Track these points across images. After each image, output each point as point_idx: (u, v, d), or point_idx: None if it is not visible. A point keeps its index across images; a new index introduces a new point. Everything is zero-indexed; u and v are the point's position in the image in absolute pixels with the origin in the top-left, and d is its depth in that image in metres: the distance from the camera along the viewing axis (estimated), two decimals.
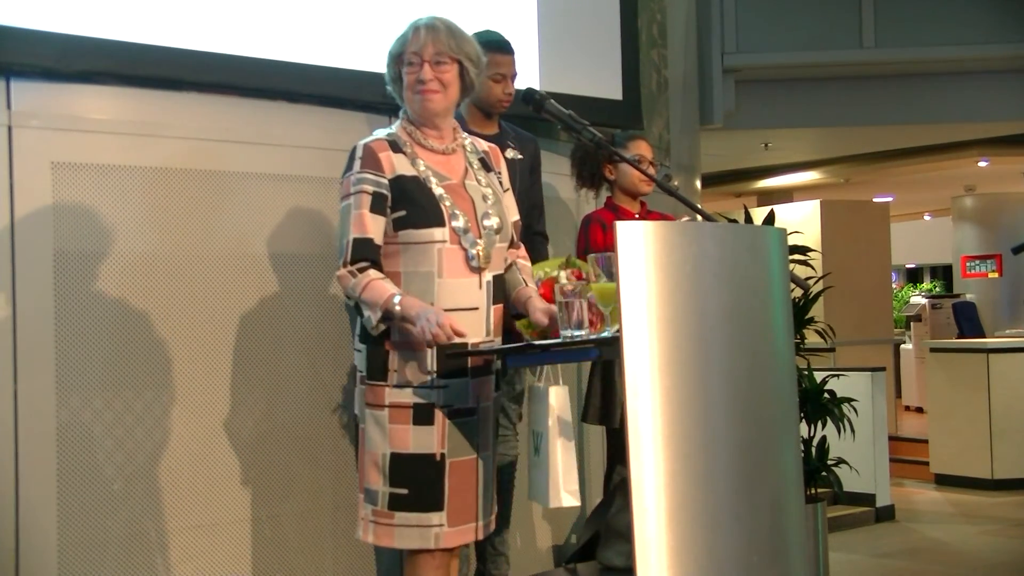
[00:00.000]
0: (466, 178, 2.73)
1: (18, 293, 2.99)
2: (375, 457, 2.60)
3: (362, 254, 2.59)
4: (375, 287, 2.55)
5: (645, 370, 2.19)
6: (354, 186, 2.60)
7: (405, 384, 2.60)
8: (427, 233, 2.60)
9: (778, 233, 2.73)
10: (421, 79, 2.65)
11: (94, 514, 3.09)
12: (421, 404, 2.60)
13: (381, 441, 2.59)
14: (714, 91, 6.29)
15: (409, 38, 2.67)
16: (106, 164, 3.17)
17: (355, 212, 2.59)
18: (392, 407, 2.59)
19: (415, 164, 2.66)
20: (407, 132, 2.72)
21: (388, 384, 2.60)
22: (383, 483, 2.58)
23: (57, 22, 3.07)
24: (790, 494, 2.61)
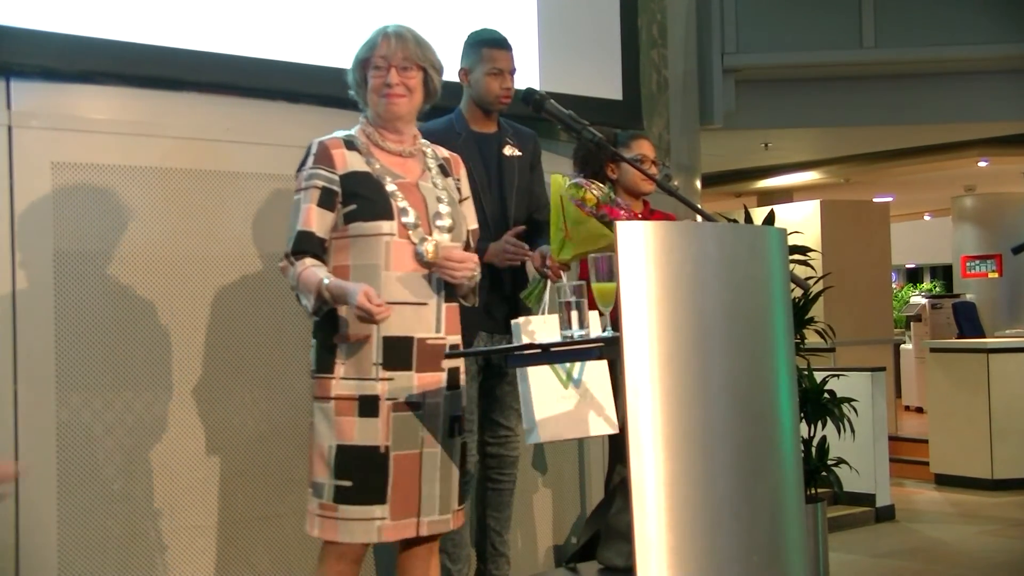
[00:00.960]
0: (421, 179, 2.78)
1: (18, 293, 3.00)
2: (322, 449, 2.62)
3: (302, 246, 2.65)
4: (308, 275, 2.61)
5: (645, 370, 2.19)
6: (305, 181, 2.67)
7: (351, 376, 2.63)
8: (375, 226, 2.65)
9: (778, 233, 2.73)
10: (388, 83, 2.72)
11: (94, 514, 3.09)
12: (366, 396, 2.62)
13: (328, 433, 2.62)
14: (714, 91, 6.29)
15: (378, 43, 2.75)
16: (106, 164, 3.17)
17: (303, 206, 2.65)
18: (338, 399, 2.62)
19: (370, 163, 2.72)
20: (366, 134, 2.78)
21: (334, 376, 2.63)
22: (329, 475, 2.60)
23: (57, 22, 3.07)
24: (790, 494, 2.61)
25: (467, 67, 3.52)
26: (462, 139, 3.51)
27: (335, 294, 2.58)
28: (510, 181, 3.56)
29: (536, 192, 3.68)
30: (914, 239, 17.89)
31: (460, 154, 3.50)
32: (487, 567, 3.62)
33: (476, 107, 3.56)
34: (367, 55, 2.77)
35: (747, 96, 6.79)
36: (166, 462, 3.24)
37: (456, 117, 3.57)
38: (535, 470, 4.21)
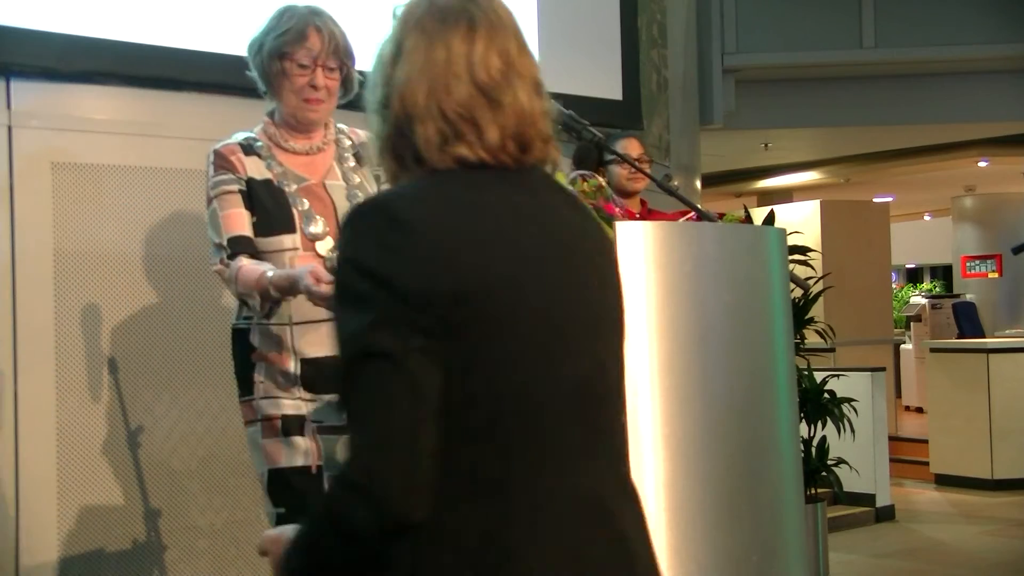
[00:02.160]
0: (328, 177, 2.50)
1: (18, 293, 2.99)
2: (261, 478, 2.42)
3: (239, 251, 2.38)
4: (246, 272, 2.34)
5: (645, 370, 2.19)
6: (214, 189, 2.41)
7: (271, 395, 2.40)
8: (276, 241, 2.40)
9: (778, 233, 2.73)
10: (315, 85, 2.42)
11: (94, 514, 3.09)
12: (290, 416, 2.39)
13: (259, 461, 2.41)
14: (714, 91, 6.29)
15: (307, 35, 2.40)
16: (106, 164, 3.17)
17: (223, 213, 2.39)
18: (263, 421, 2.40)
19: (270, 167, 2.45)
20: (267, 135, 2.50)
21: (256, 397, 2.41)
22: (268, 504, 2.41)
23: (57, 22, 3.07)
24: (790, 494, 2.61)
25: None
26: None
27: (280, 285, 2.31)
28: None
29: None
30: (914, 239, 17.88)
31: None
32: None
33: None
34: (292, 49, 2.40)
35: (747, 96, 6.79)
36: (166, 462, 3.24)
37: None
38: None
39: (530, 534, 1.18)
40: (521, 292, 1.21)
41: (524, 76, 1.29)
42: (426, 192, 1.24)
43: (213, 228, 2.42)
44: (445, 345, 1.15)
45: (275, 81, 2.44)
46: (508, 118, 1.27)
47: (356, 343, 1.16)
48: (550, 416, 1.22)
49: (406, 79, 1.28)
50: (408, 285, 1.15)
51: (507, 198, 1.26)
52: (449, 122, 1.25)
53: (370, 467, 1.14)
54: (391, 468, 1.14)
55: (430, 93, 1.26)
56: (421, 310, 1.15)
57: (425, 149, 1.26)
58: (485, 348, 1.18)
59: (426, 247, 1.17)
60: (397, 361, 1.14)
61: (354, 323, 1.17)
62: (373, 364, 1.14)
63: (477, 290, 1.17)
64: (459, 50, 1.27)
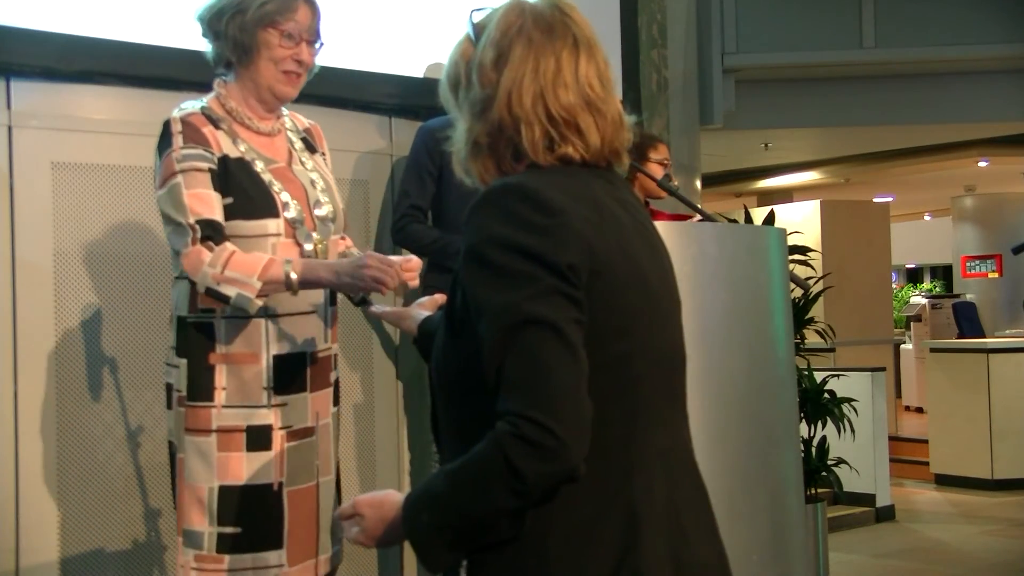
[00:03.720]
0: (291, 162, 2.37)
1: (18, 293, 2.99)
2: (199, 493, 2.19)
3: (209, 235, 2.17)
4: (243, 257, 2.14)
5: None
6: (180, 163, 2.17)
7: (236, 404, 2.20)
8: (260, 225, 2.22)
9: (778, 233, 2.73)
10: (300, 60, 2.29)
11: (94, 514, 3.09)
12: (256, 427, 2.21)
13: (206, 474, 2.19)
14: (714, 91, 6.29)
15: (295, 8, 2.28)
16: (106, 164, 3.17)
17: (189, 192, 2.16)
18: (220, 432, 2.20)
19: (236, 144, 2.27)
20: (225, 108, 2.31)
21: (215, 405, 2.20)
22: (209, 523, 2.19)
23: (57, 22, 3.07)
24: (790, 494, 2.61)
25: None
26: None
27: (320, 277, 2.16)
28: None
29: None
30: (914, 239, 17.88)
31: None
32: None
33: None
34: (280, 19, 2.25)
35: (747, 96, 6.79)
36: (166, 462, 3.23)
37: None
38: None
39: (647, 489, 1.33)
40: (632, 270, 1.35)
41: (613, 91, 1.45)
42: (546, 181, 1.35)
43: (174, 206, 2.17)
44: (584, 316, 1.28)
45: (251, 52, 2.26)
46: (607, 126, 1.42)
47: (514, 312, 1.25)
48: (654, 381, 1.38)
49: (513, 84, 1.40)
50: (560, 260, 1.27)
51: (608, 191, 1.41)
52: (556, 125, 1.39)
53: (549, 421, 1.21)
54: (570, 422, 1.22)
55: (538, 98, 1.39)
56: (571, 283, 1.27)
57: (531, 148, 1.39)
58: (606, 318, 1.30)
59: (569, 227, 1.29)
60: (559, 328, 1.24)
61: (508, 296, 1.26)
62: (534, 331, 1.24)
63: (603, 268, 1.31)
64: (567, 62, 1.41)
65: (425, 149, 3.50)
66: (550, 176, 1.37)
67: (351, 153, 3.72)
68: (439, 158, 3.48)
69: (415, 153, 3.53)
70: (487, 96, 1.42)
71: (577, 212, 1.31)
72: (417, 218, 3.46)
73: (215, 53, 2.32)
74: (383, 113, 3.82)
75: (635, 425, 1.34)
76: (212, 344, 2.22)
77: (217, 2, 2.28)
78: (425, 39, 3.87)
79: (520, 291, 1.25)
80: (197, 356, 2.22)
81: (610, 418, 1.30)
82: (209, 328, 2.23)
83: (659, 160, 3.81)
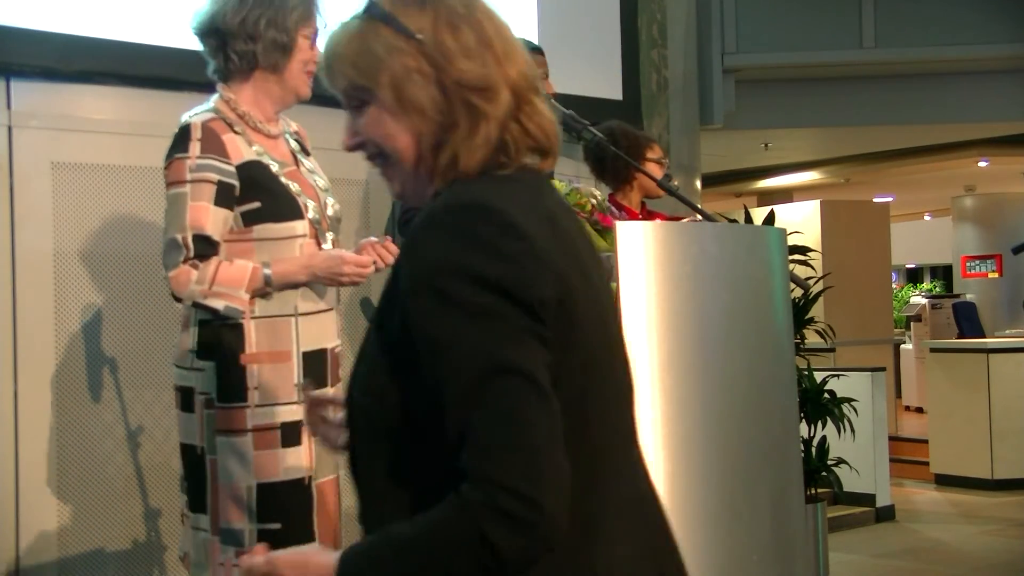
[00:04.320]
0: (297, 164, 2.43)
1: (18, 293, 2.99)
2: (236, 492, 2.23)
3: (202, 253, 2.22)
4: (228, 270, 2.21)
5: (645, 370, 2.19)
6: (193, 172, 2.21)
7: (270, 402, 2.25)
8: (288, 227, 2.28)
9: (778, 233, 2.73)
10: (317, 61, 2.16)
11: (94, 514, 3.09)
12: (289, 423, 2.25)
13: (243, 472, 2.23)
14: (714, 91, 6.29)
15: (314, 12, 2.35)
16: (106, 164, 3.17)
17: (193, 203, 2.20)
18: (256, 431, 2.24)
19: (252, 148, 2.31)
20: (237, 113, 2.33)
21: (248, 405, 2.23)
22: (248, 520, 2.22)
23: (57, 22, 3.07)
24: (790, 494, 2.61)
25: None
26: None
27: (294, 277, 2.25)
28: None
29: None
30: (914, 239, 17.88)
31: None
32: None
33: None
34: (307, 23, 2.32)
35: (747, 96, 6.79)
36: (166, 462, 3.24)
37: None
38: None
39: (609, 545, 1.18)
40: (589, 293, 1.20)
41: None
42: (506, 194, 1.18)
43: (175, 215, 2.22)
44: (551, 356, 1.12)
45: (288, 53, 2.31)
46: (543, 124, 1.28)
47: (484, 360, 1.08)
48: (612, 420, 1.23)
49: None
50: (531, 296, 1.10)
51: (556, 203, 1.25)
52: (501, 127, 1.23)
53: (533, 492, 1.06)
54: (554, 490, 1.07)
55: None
56: (541, 322, 1.11)
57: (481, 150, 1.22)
58: (570, 355, 1.15)
59: (538, 254, 1.13)
60: (534, 378, 1.09)
61: (475, 338, 1.09)
62: (508, 381, 1.08)
63: (566, 296, 1.14)
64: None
65: None
66: (504, 185, 1.20)
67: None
68: None
69: None
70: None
71: (542, 236, 1.14)
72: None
73: (235, 57, 2.31)
74: None
75: (593, 473, 1.17)
76: (242, 345, 2.25)
77: (237, 7, 2.29)
78: None
79: (489, 333, 1.08)
80: (227, 358, 2.25)
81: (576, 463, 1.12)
82: (239, 329, 2.26)
83: (656, 159, 3.80)
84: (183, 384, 2.33)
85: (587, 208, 2.90)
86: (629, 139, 3.71)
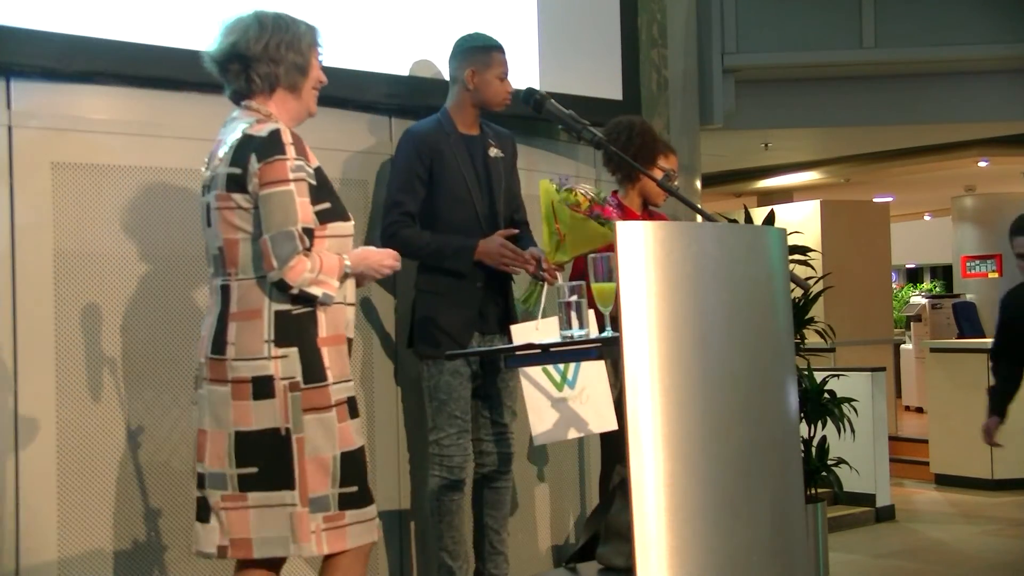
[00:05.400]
0: None
1: (18, 293, 2.99)
2: (323, 462, 2.49)
3: (308, 245, 2.51)
4: (328, 261, 2.52)
5: (645, 370, 2.19)
6: (294, 172, 2.48)
7: (339, 380, 2.55)
8: (348, 227, 2.63)
9: (778, 233, 2.73)
10: (323, 81, 2.69)
11: (94, 514, 3.09)
12: (351, 398, 2.58)
13: (328, 444, 2.49)
14: (714, 91, 6.29)
15: (318, 37, 2.69)
16: (106, 164, 3.17)
17: (300, 199, 2.48)
18: (337, 406, 2.53)
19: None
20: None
21: (329, 382, 2.51)
22: (332, 486, 2.49)
23: (57, 22, 3.07)
24: (790, 494, 2.61)
25: (476, 69, 3.52)
26: (452, 140, 3.53)
27: (354, 271, 2.60)
28: (497, 182, 3.58)
29: (515, 192, 3.70)
30: (914, 239, 17.89)
31: (450, 154, 3.52)
32: (485, 566, 3.62)
33: (472, 108, 3.57)
34: (315, 45, 2.67)
35: (747, 96, 6.79)
36: (166, 462, 3.24)
37: (444, 118, 3.57)
38: (535, 469, 4.21)
39: None
40: None
41: None
42: None
43: (285, 211, 2.46)
44: None
45: (305, 74, 2.63)
46: None
47: None
48: None
49: None
50: None
51: None
52: None
53: None
54: None
55: None
56: None
57: None
58: None
59: None
60: None
61: None
62: None
63: None
64: None
65: (416, 155, 3.49)
66: None
67: (351, 153, 3.73)
68: (429, 161, 3.48)
69: (405, 159, 3.51)
70: None
71: None
72: (407, 223, 3.46)
73: (257, 79, 2.59)
74: (383, 113, 3.83)
75: None
76: (317, 330, 2.52)
77: (258, 35, 2.57)
78: (425, 39, 3.87)
79: None
80: (307, 342, 2.50)
81: None
82: (313, 316, 2.52)
83: (666, 169, 3.81)
84: (260, 374, 2.48)
85: (584, 205, 2.90)
86: (644, 139, 3.71)
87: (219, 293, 2.54)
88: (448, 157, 3.50)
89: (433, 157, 3.49)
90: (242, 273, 2.51)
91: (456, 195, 3.50)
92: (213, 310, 2.55)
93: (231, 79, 2.61)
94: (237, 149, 2.49)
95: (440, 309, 3.47)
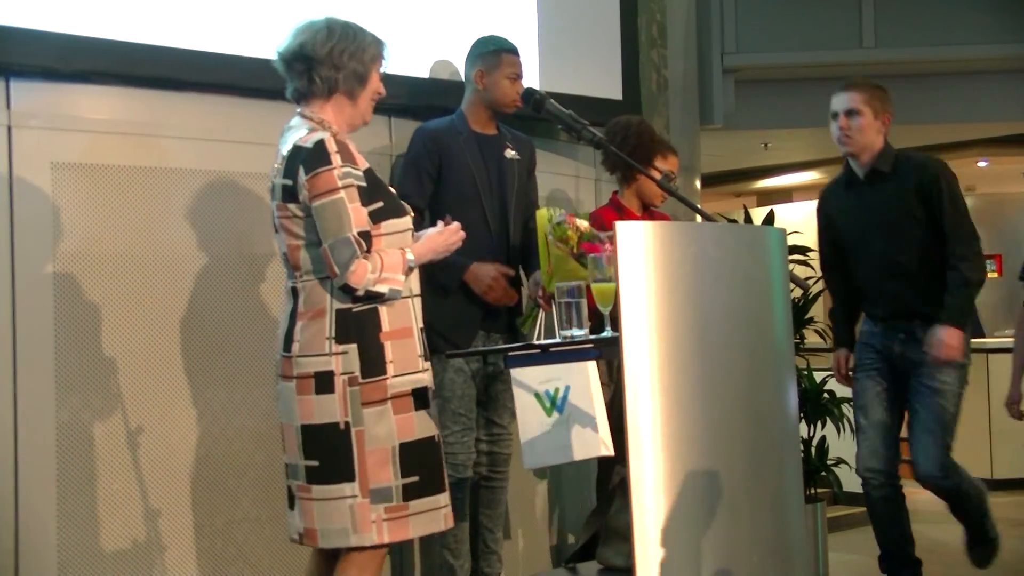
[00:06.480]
0: None
1: (18, 293, 2.99)
2: (383, 454, 2.57)
3: (366, 248, 2.59)
4: (390, 258, 2.60)
5: (645, 370, 2.19)
6: (342, 180, 2.56)
7: (404, 372, 2.61)
8: (404, 222, 2.69)
9: (778, 233, 2.73)
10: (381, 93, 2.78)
11: (94, 514, 3.09)
12: (419, 389, 2.64)
13: (387, 436, 2.58)
14: (714, 91, 6.29)
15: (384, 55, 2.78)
16: (106, 164, 3.17)
17: (352, 205, 2.56)
18: (394, 398, 2.59)
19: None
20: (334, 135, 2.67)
21: (387, 376, 2.59)
22: (394, 477, 2.57)
23: (57, 22, 3.07)
24: (790, 494, 2.61)
25: (485, 70, 3.53)
26: (463, 138, 3.54)
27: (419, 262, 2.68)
28: (510, 182, 3.58)
29: (531, 197, 3.70)
30: None
31: (459, 151, 3.52)
32: (479, 565, 3.62)
33: (484, 109, 3.58)
34: (379, 59, 2.77)
35: (747, 96, 6.78)
36: (166, 462, 3.24)
37: (458, 117, 3.58)
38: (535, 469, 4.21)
39: None
40: None
41: None
42: None
43: (338, 219, 2.54)
44: None
45: (364, 83, 2.72)
46: None
47: None
48: None
49: None
50: None
51: None
52: None
53: None
54: None
55: None
56: None
57: None
58: None
59: None
60: None
61: None
62: None
63: None
64: None
65: (425, 151, 3.50)
66: None
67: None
68: (439, 159, 3.48)
69: (414, 155, 3.53)
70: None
71: None
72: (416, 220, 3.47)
73: (318, 81, 2.69)
74: (383, 113, 3.82)
75: None
76: (379, 325, 2.60)
77: (325, 39, 2.68)
78: (426, 39, 3.87)
79: None
80: (367, 338, 2.59)
81: None
82: (375, 313, 2.60)
83: (664, 171, 3.79)
84: (322, 369, 2.58)
85: (573, 241, 2.94)
86: (640, 138, 3.71)
87: (290, 294, 2.68)
88: (457, 154, 3.51)
89: (442, 153, 3.50)
90: (306, 275, 2.63)
91: (463, 192, 3.50)
92: (285, 310, 2.68)
93: (294, 77, 2.72)
94: (288, 160, 2.61)
95: (443, 307, 3.47)
